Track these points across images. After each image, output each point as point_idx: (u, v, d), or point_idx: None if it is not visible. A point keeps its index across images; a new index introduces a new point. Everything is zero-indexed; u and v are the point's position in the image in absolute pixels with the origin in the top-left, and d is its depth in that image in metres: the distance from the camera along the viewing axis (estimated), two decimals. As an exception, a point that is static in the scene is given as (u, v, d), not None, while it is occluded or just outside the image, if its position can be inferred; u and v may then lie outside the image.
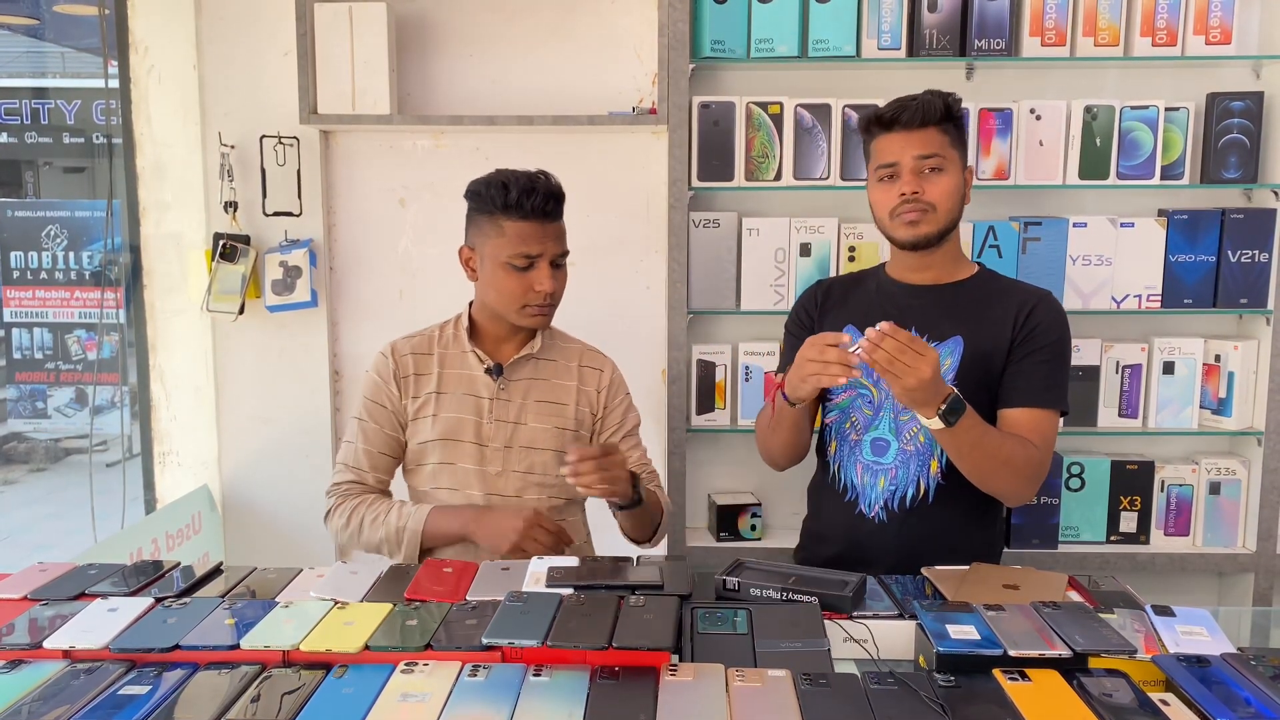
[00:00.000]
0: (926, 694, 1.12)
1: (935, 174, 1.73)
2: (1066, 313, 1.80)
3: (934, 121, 1.73)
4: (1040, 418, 1.73)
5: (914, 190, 1.72)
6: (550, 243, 1.77)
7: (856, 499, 1.81)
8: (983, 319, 1.77)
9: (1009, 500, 1.78)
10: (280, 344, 2.63)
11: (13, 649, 1.25)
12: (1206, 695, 1.12)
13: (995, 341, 1.75)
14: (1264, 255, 2.45)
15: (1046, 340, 1.74)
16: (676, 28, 2.40)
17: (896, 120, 1.73)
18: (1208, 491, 2.53)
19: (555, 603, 1.33)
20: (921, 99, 1.74)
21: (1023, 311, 1.76)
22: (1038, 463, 1.72)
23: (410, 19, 2.56)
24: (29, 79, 7.85)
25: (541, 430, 1.83)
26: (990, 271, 1.86)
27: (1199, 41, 2.41)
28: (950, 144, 1.75)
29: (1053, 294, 1.82)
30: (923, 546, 1.71)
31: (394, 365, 1.83)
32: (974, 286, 1.81)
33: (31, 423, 6.44)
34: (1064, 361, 1.77)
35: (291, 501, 2.66)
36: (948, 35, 2.42)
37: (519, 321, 1.80)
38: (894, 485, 1.78)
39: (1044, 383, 1.74)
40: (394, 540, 1.77)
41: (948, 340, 1.77)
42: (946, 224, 1.75)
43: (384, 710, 1.11)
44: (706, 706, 1.10)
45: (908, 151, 1.72)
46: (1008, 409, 1.75)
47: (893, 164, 1.74)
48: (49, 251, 6.14)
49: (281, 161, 2.55)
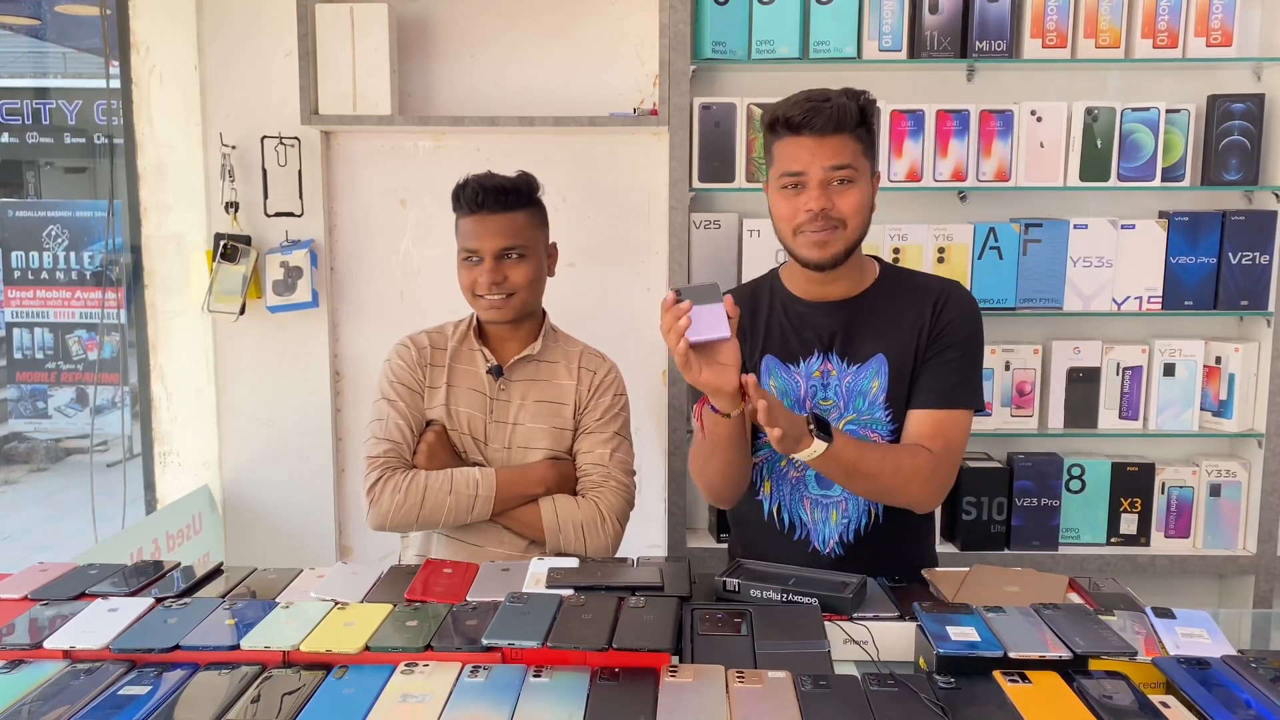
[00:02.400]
0: (926, 695, 1.12)
1: (846, 186, 1.58)
2: (1067, 315, 1.76)
3: (848, 128, 1.58)
4: (943, 419, 1.63)
5: (823, 206, 1.57)
6: (491, 237, 1.78)
7: (808, 536, 1.70)
8: (898, 329, 1.67)
9: (915, 509, 1.68)
10: (281, 345, 2.63)
11: (13, 649, 1.25)
12: (1207, 697, 1.12)
13: (914, 349, 1.66)
14: (1265, 257, 2.45)
15: (956, 336, 1.65)
16: (677, 29, 2.40)
17: (807, 125, 1.57)
18: (1208, 493, 2.53)
19: (555, 604, 1.33)
20: (836, 102, 1.57)
21: (935, 309, 1.66)
22: (933, 469, 1.60)
23: (411, 20, 2.57)
24: (30, 79, 7.86)
25: (538, 430, 1.83)
26: (892, 267, 1.76)
27: (1200, 43, 2.41)
28: (862, 152, 1.61)
29: (960, 285, 1.73)
30: (877, 569, 1.59)
31: (415, 353, 1.87)
32: (881, 291, 1.70)
33: (32, 423, 6.45)
34: (975, 357, 1.68)
35: (292, 502, 2.66)
36: (948, 37, 2.42)
37: (480, 314, 1.85)
38: (846, 517, 1.68)
39: (950, 382, 1.64)
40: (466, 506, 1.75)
41: (869, 361, 1.67)
42: (856, 239, 1.63)
43: (384, 711, 1.11)
44: (707, 708, 1.10)
45: (817, 161, 1.57)
46: (912, 409, 1.65)
47: (799, 173, 1.59)
48: (50, 252, 6.14)
49: (283, 162, 2.55)
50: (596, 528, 1.77)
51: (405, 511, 1.74)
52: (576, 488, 1.83)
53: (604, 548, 1.78)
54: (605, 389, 1.87)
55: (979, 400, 1.68)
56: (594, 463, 1.82)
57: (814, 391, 1.69)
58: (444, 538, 1.84)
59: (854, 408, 1.67)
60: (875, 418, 1.66)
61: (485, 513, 1.76)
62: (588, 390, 1.87)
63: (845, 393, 1.67)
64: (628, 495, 1.83)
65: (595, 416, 1.85)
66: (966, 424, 1.67)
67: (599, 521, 1.77)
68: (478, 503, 1.75)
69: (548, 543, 1.77)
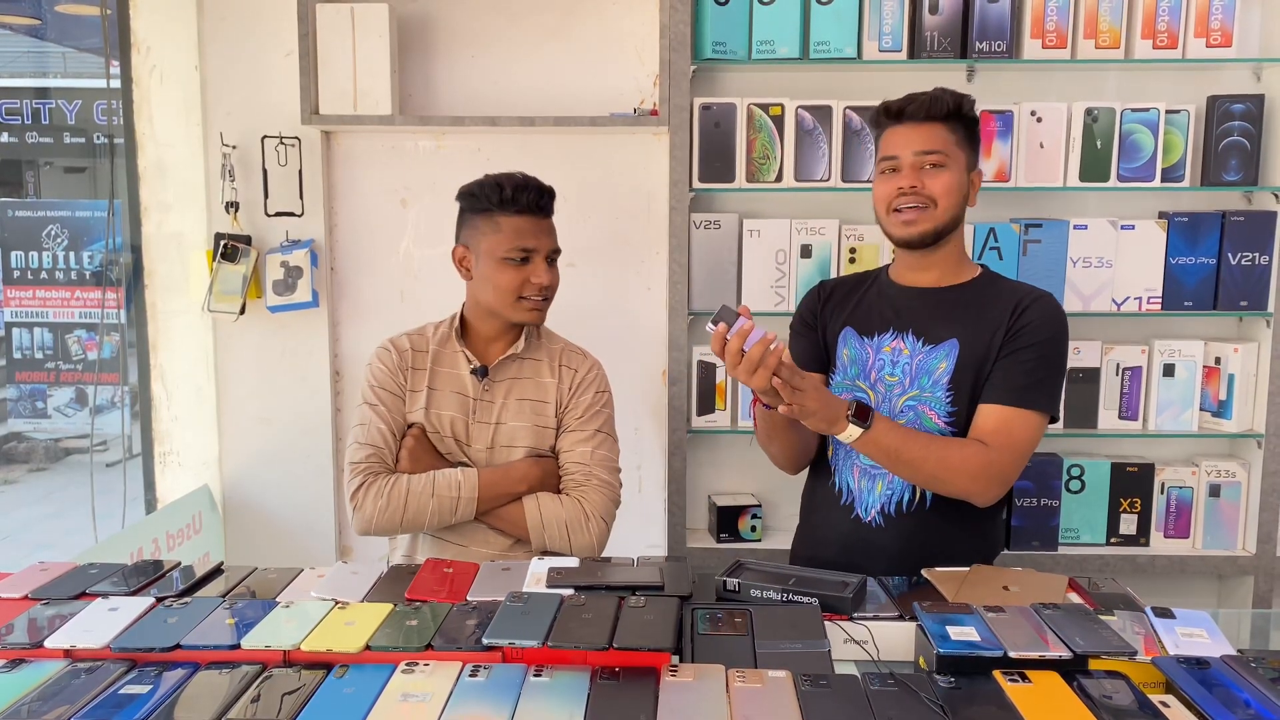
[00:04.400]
0: (927, 695, 1.12)
1: (936, 170, 1.70)
2: (1067, 315, 1.76)
3: (939, 117, 1.71)
4: (1009, 416, 1.66)
5: (912, 184, 1.69)
6: (545, 237, 1.80)
7: (853, 503, 1.79)
8: (979, 322, 1.72)
9: (973, 501, 1.70)
10: (281, 344, 2.63)
11: (13, 648, 1.25)
12: (1206, 697, 1.12)
13: (989, 344, 1.70)
14: (1264, 258, 2.45)
15: (1034, 339, 1.68)
16: (678, 29, 2.40)
17: (903, 112, 1.72)
18: (1208, 494, 2.53)
19: (556, 603, 1.33)
20: (931, 93, 1.72)
21: (1016, 310, 1.70)
22: (984, 463, 1.63)
23: (412, 20, 2.57)
24: (30, 79, 7.87)
25: (521, 428, 1.83)
26: (993, 274, 1.81)
27: (1200, 44, 2.41)
28: (956, 143, 1.72)
29: (1053, 296, 1.76)
30: (919, 551, 1.67)
31: (396, 357, 1.86)
32: (974, 289, 1.77)
33: (32, 422, 6.45)
34: (1051, 363, 1.70)
35: (292, 501, 2.66)
36: (949, 37, 2.42)
37: (515, 316, 1.81)
38: (890, 490, 1.75)
39: (1022, 381, 1.66)
40: (449, 508, 1.76)
41: (943, 344, 1.73)
42: (946, 221, 1.71)
43: (385, 710, 1.11)
44: (707, 707, 1.10)
45: (910, 146, 1.71)
46: (982, 404, 1.69)
47: (894, 157, 1.72)
48: (49, 251, 6.15)
49: (283, 162, 2.55)
50: (581, 526, 1.77)
51: (389, 516, 1.75)
52: (560, 486, 1.83)
53: (589, 546, 1.78)
54: (586, 387, 1.87)
55: (1052, 406, 1.70)
56: (577, 461, 1.82)
57: (882, 365, 1.77)
58: (429, 538, 1.85)
59: (918, 384, 1.74)
60: (936, 397, 1.72)
61: (469, 513, 1.77)
62: (569, 388, 1.87)
63: (913, 371, 1.75)
64: (612, 493, 1.83)
65: (577, 415, 1.85)
66: (1035, 425, 1.68)
67: (583, 520, 1.78)
68: (460, 504, 1.75)
69: (532, 541, 1.78)
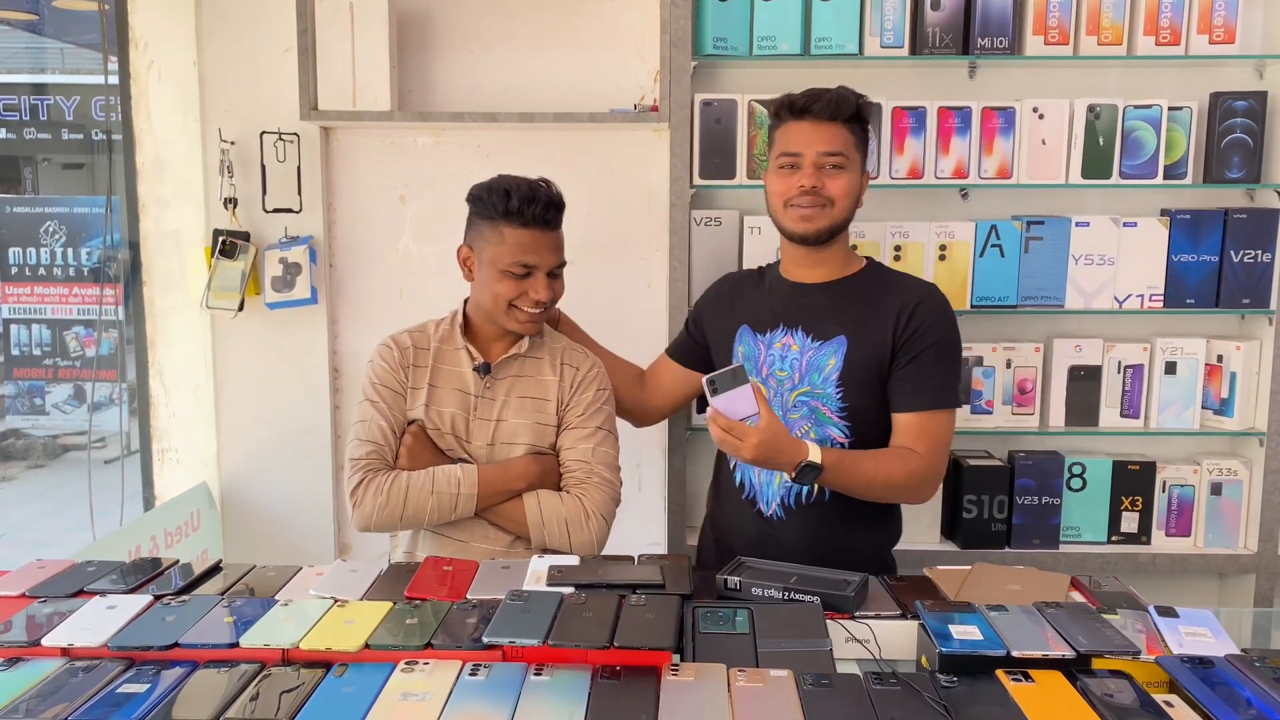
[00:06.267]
0: (929, 694, 1.12)
1: (837, 171, 1.76)
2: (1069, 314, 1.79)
3: (843, 118, 1.76)
4: (928, 420, 1.76)
5: (814, 184, 1.75)
6: (548, 253, 1.79)
7: (755, 497, 1.87)
8: (867, 318, 1.79)
9: (915, 504, 1.84)
10: (280, 341, 2.62)
11: (11, 646, 1.25)
12: (1210, 696, 1.11)
13: (878, 342, 1.78)
14: (1266, 255, 2.44)
15: (930, 340, 1.76)
16: (678, 25, 2.39)
17: (808, 110, 1.76)
18: (1209, 492, 2.52)
19: (556, 602, 1.33)
20: (836, 93, 1.76)
21: (905, 311, 1.78)
22: (923, 469, 1.74)
23: (411, 15, 2.56)
24: (28, 74, 7.85)
25: (521, 426, 1.83)
26: (878, 265, 1.89)
27: (1202, 41, 2.40)
28: (855, 144, 1.78)
29: (937, 288, 1.84)
30: (819, 543, 1.76)
31: (398, 354, 1.86)
32: (860, 282, 1.84)
33: (29, 419, 6.45)
34: (951, 358, 1.80)
35: (291, 499, 2.65)
36: (950, 34, 2.41)
37: (509, 326, 1.83)
38: (789, 483, 1.81)
39: (931, 384, 1.76)
40: (448, 504, 1.76)
41: (831, 340, 1.80)
42: (840, 220, 1.79)
43: (384, 709, 1.10)
44: (708, 706, 1.10)
45: (813, 145, 1.75)
46: (897, 414, 1.78)
47: (797, 154, 1.76)
48: (47, 248, 6.14)
49: (282, 158, 2.54)
50: (581, 523, 1.78)
51: (388, 513, 1.75)
52: (560, 483, 1.84)
53: (589, 544, 1.78)
54: (587, 385, 1.88)
55: (956, 400, 1.81)
56: (577, 459, 1.83)
57: (773, 361, 1.84)
58: (430, 535, 1.85)
59: (808, 380, 1.80)
60: (827, 394, 1.79)
61: (469, 510, 1.77)
62: (570, 386, 1.87)
63: (803, 367, 1.81)
64: (612, 491, 1.83)
65: (578, 412, 1.86)
66: (950, 421, 1.80)
67: (583, 518, 1.78)
68: (460, 500, 1.75)
69: (532, 538, 1.78)
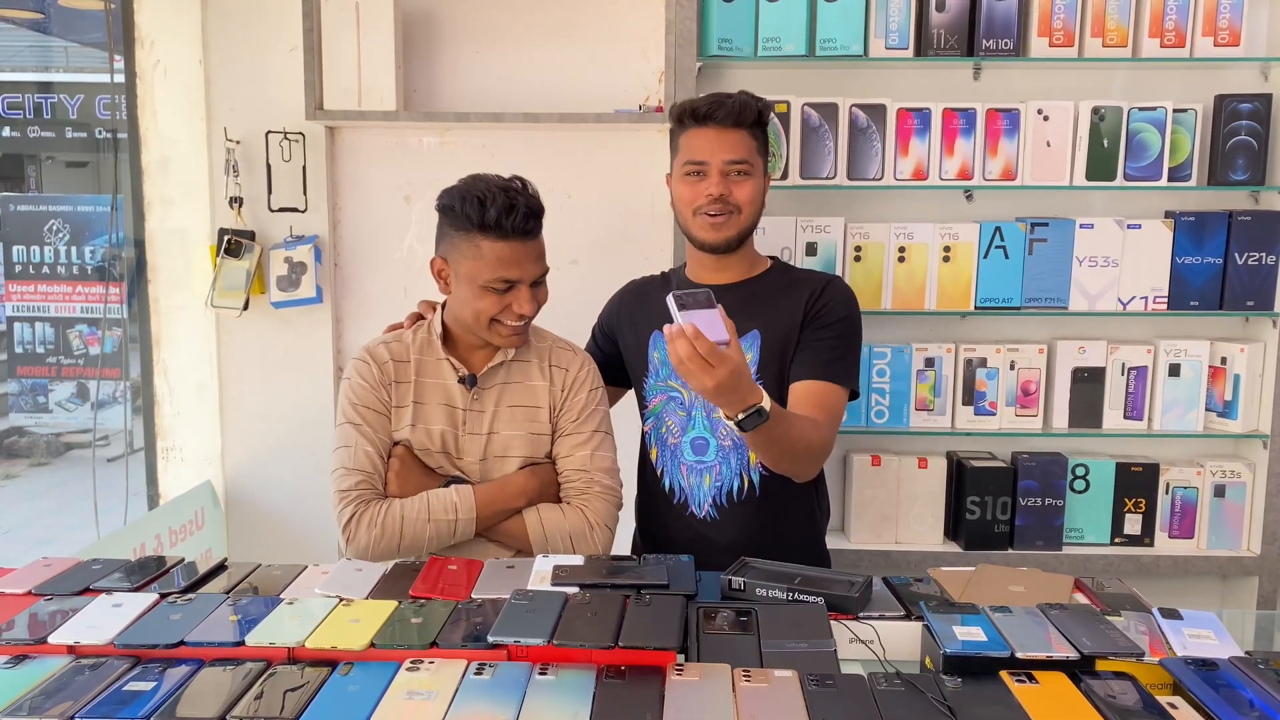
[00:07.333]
0: (933, 695, 1.12)
1: (743, 178, 1.77)
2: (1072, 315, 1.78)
3: (746, 124, 1.77)
4: (826, 390, 1.74)
5: (721, 193, 1.75)
6: (530, 264, 1.68)
7: (686, 500, 1.86)
8: (777, 310, 1.81)
9: (795, 479, 1.76)
10: (284, 340, 2.62)
11: (17, 644, 1.25)
12: (1214, 698, 1.11)
13: (789, 325, 1.80)
14: (1271, 258, 2.44)
15: (834, 318, 1.78)
16: (684, 26, 2.39)
17: (711, 117, 1.76)
18: (1212, 494, 2.52)
19: (561, 601, 1.33)
20: (738, 99, 1.77)
21: (813, 296, 1.80)
22: (822, 441, 1.71)
23: (417, 15, 2.56)
24: (33, 73, 7.86)
25: (515, 437, 1.75)
26: (784, 265, 1.92)
27: (1207, 43, 2.40)
28: (758, 150, 1.80)
29: (842, 279, 1.89)
30: (754, 539, 1.76)
31: (377, 371, 1.74)
32: (769, 281, 1.86)
33: (33, 417, 6.45)
34: (849, 340, 1.81)
35: (295, 498, 2.66)
36: (955, 35, 2.41)
37: (492, 340, 1.73)
38: (719, 481, 1.83)
39: (829, 356, 1.76)
40: (447, 531, 1.68)
41: (746, 335, 1.80)
42: (748, 226, 1.80)
43: (389, 708, 1.11)
44: (713, 707, 1.10)
45: (718, 153, 1.75)
46: (795, 382, 1.77)
47: (702, 162, 1.77)
48: (51, 246, 6.14)
49: (287, 157, 2.54)
50: (585, 536, 1.71)
51: (384, 545, 1.66)
52: (560, 494, 1.77)
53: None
54: (580, 386, 1.80)
55: (853, 381, 1.79)
56: (576, 468, 1.75)
57: None
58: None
59: None
60: None
61: (469, 534, 1.70)
62: (561, 390, 1.79)
63: None
64: (614, 499, 1.77)
65: (572, 417, 1.78)
66: (842, 399, 1.77)
67: (587, 530, 1.72)
68: (459, 526, 1.68)
69: (535, 555, 1.70)
